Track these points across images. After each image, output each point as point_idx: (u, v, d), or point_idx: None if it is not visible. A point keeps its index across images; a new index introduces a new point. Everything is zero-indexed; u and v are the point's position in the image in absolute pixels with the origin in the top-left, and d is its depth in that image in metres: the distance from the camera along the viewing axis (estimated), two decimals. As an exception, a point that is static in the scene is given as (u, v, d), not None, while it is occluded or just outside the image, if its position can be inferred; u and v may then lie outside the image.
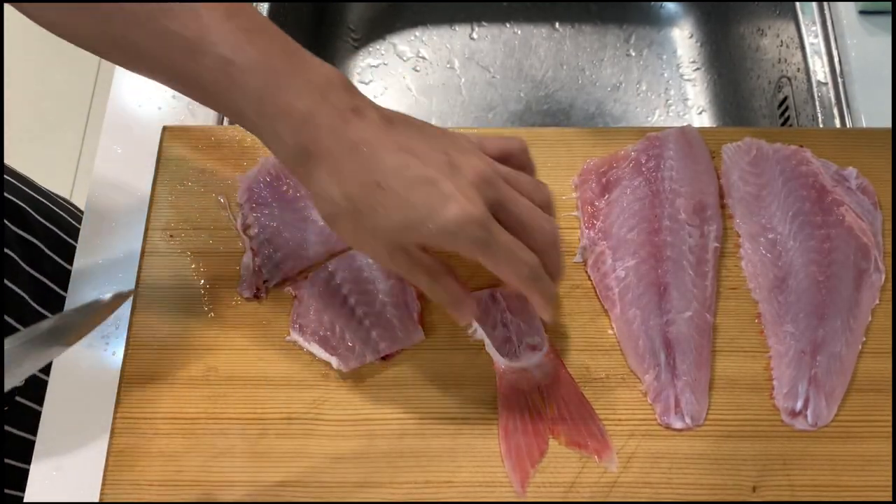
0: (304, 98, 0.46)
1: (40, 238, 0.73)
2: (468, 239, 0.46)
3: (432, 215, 0.46)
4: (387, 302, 0.59)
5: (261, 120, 0.47)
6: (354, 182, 0.46)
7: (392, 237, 0.48)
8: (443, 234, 0.46)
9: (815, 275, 0.58)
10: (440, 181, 0.46)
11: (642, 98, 0.94)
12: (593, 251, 0.61)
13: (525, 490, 0.53)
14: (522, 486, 0.53)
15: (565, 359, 0.58)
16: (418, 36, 0.98)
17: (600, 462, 0.54)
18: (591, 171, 0.64)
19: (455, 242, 0.47)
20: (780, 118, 0.81)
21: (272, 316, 0.60)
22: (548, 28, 0.98)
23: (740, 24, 0.91)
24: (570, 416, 0.55)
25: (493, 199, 0.48)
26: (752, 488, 0.54)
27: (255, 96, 0.46)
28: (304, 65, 0.47)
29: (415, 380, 0.57)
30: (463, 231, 0.46)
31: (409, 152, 0.47)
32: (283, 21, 0.84)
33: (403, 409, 0.56)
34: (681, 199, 0.60)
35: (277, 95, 0.46)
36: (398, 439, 0.56)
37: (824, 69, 0.74)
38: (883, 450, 0.55)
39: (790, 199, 0.61)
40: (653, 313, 0.57)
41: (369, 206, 0.46)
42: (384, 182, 0.46)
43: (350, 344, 0.58)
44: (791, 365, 0.56)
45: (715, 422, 0.56)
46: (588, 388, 0.57)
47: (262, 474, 0.55)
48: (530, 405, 0.55)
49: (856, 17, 0.75)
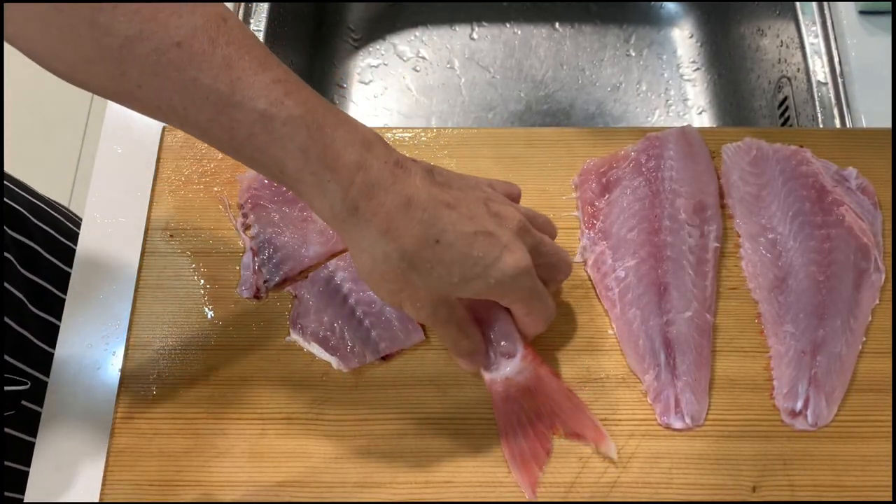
0: (352, 152, 0.45)
1: (39, 242, 0.73)
2: (521, 289, 0.49)
3: (491, 268, 0.47)
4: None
5: (305, 175, 0.45)
6: (411, 239, 0.46)
7: (445, 292, 0.48)
8: (499, 286, 0.48)
9: (816, 275, 0.58)
10: (494, 233, 0.47)
11: (642, 98, 0.94)
12: (593, 251, 0.61)
13: (535, 493, 0.53)
14: (532, 489, 0.53)
15: (565, 359, 0.58)
16: (418, 36, 0.98)
17: (599, 449, 0.54)
18: (591, 171, 0.64)
19: (507, 293, 0.49)
20: (780, 118, 0.81)
21: (272, 316, 0.60)
22: (548, 28, 0.98)
23: (740, 25, 0.91)
24: (562, 409, 0.55)
25: (531, 246, 0.50)
26: (752, 488, 0.54)
27: (300, 151, 0.44)
28: (344, 119, 0.46)
29: (415, 380, 0.57)
30: (517, 282, 0.48)
31: (457, 207, 0.47)
32: (283, 21, 0.84)
33: (403, 409, 0.56)
34: (681, 199, 0.60)
35: (324, 149, 0.44)
36: (398, 439, 0.56)
37: (824, 69, 0.74)
38: (883, 450, 0.55)
39: (790, 199, 0.61)
40: (653, 313, 0.57)
41: (426, 263, 0.46)
42: (442, 238, 0.46)
43: (350, 344, 0.58)
44: (791, 365, 0.56)
45: (715, 422, 0.56)
46: (588, 387, 0.57)
47: (262, 474, 0.55)
48: (525, 409, 0.55)
49: (856, 17, 0.75)
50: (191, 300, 0.60)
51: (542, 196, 0.64)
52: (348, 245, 0.48)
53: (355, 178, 0.45)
